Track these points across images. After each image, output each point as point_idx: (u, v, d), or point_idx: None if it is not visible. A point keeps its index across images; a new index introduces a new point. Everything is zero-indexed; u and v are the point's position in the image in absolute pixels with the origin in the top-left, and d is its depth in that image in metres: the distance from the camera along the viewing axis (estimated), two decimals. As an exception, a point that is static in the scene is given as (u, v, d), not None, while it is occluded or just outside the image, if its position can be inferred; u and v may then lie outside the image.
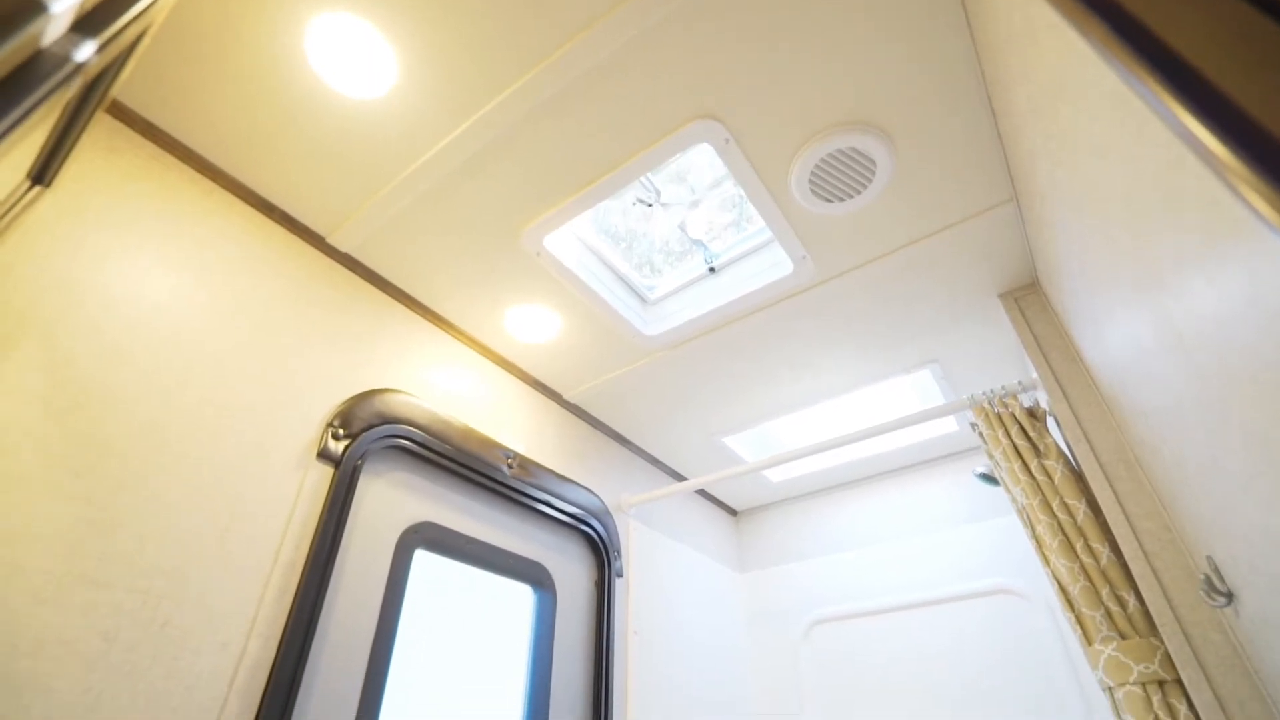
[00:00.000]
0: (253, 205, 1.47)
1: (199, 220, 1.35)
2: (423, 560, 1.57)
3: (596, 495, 2.11)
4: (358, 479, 1.43)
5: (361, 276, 1.66)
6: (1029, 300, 1.71)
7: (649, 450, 2.50)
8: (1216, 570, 1.04)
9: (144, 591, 1.04)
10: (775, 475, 2.72)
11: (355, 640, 1.33)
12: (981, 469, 2.00)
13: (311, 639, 1.21)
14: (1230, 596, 1.02)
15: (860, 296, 1.75)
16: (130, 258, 1.21)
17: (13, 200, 0.97)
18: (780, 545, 2.83)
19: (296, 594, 1.22)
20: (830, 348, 1.94)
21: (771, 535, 2.88)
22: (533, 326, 1.84)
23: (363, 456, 1.45)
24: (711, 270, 1.82)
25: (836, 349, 1.95)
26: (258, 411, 1.30)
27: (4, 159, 0.87)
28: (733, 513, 3.01)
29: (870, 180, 1.41)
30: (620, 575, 2.08)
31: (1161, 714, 1.15)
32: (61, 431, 1.02)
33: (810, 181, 1.41)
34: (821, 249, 1.60)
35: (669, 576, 2.34)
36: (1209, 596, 1.06)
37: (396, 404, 1.57)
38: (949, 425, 2.40)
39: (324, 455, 1.38)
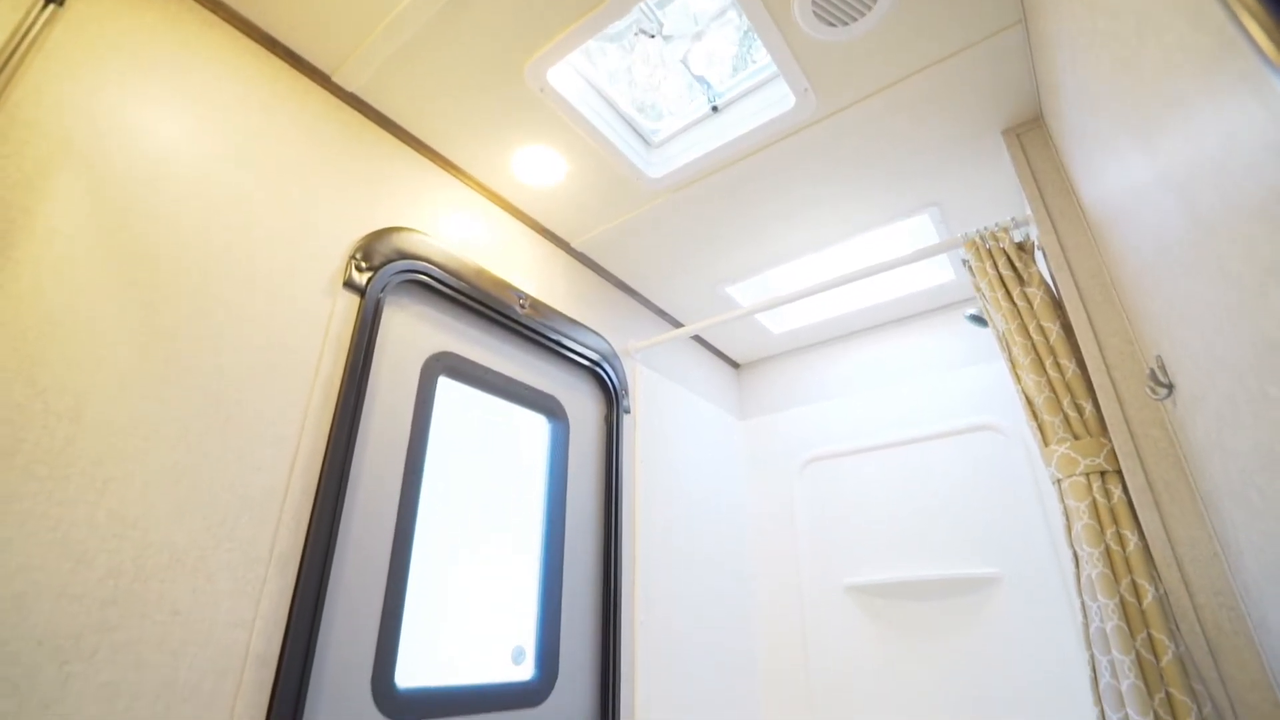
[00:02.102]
0: (256, 40, 1.47)
1: (205, 56, 1.37)
2: (446, 388, 1.72)
3: (605, 339, 2.24)
4: (382, 309, 1.55)
5: (369, 118, 1.68)
6: (1031, 136, 1.71)
7: (654, 301, 2.60)
8: (1162, 366, 1.15)
9: (207, 389, 1.19)
10: (776, 327, 2.84)
11: (392, 448, 1.51)
12: (973, 311, 2.10)
13: (355, 441, 1.38)
14: (1170, 387, 1.13)
15: (862, 134, 1.76)
16: (146, 92, 1.25)
17: (32, 17, 1.01)
18: (780, 394, 3.00)
19: (338, 402, 1.38)
20: (831, 191, 1.97)
21: (772, 386, 3.05)
22: (539, 169, 1.88)
23: (384, 289, 1.56)
24: (714, 110, 1.82)
25: (838, 192, 1.98)
26: (282, 243, 1.39)
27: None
28: (735, 365, 3.17)
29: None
30: (628, 412, 2.26)
31: (1099, 496, 1.32)
32: (114, 245, 1.12)
33: (814, 1, 1.39)
34: (824, 80, 1.60)
35: (673, 417, 2.53)
36: (1153, 391, 1.18)
37: (413, 241, 1.65)
38: (945, 275, 2.46)
39: (349, 285, 1.48)
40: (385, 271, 1.56)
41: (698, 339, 2.90)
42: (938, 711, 2.16)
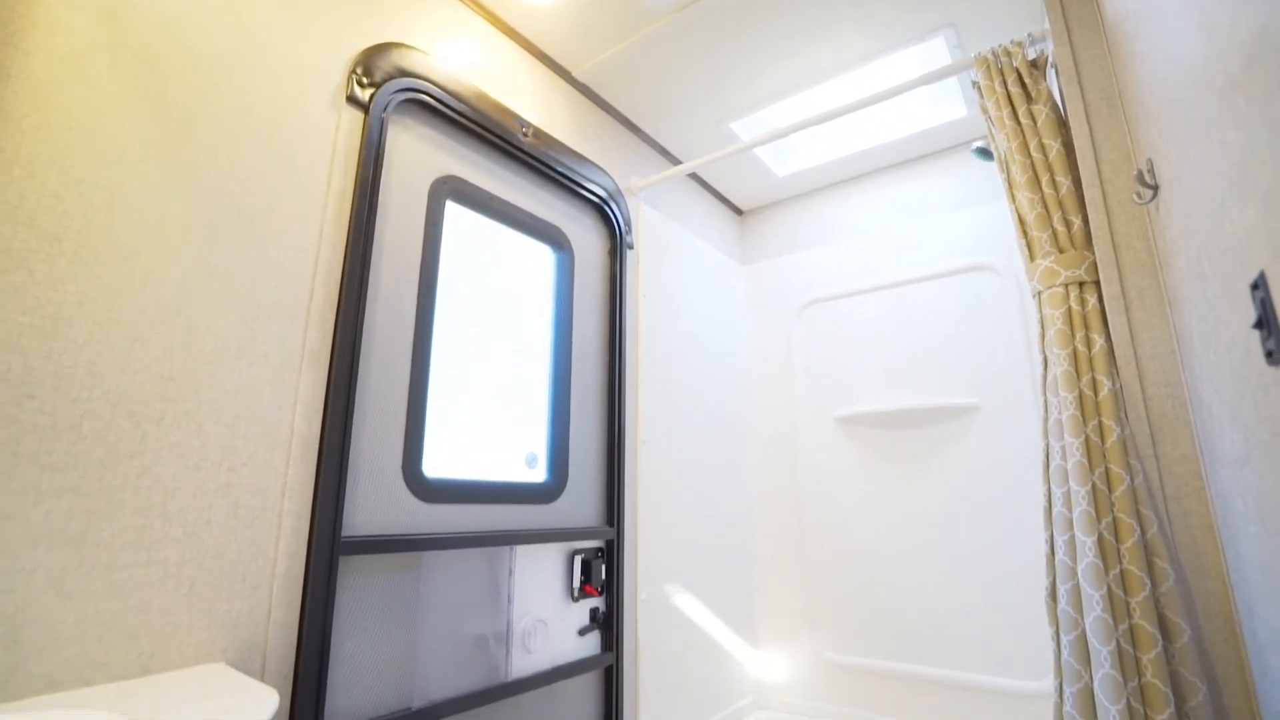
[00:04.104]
0: None
1: None
2: (453, 213, 1.76)
3: (608, 174, 2.24)
4: (387, 128, 1.55)
5: (354, -83, 1.58)
6: (1061, -62, 1.60)
7: (659, 139, 2.56)
8: (1151, 169, 1.18)
9: (227, 193, 1.24)
10: (781, 169, 2.81)
11: (405, 263, 1.58)
12: (979, 143, 2.07)
13: (370, 254, 1.45)
14: (1155, 189, 1.17)
15: (881, -62, 1.65)
16: None
17: None
18: (782, 239, 3.03)
19: (351, 215, 1.43)
20: (842, 10, 1.88)
21: (776, 230, 3.07)
22: (537, -17, 1.79)
23: (387, 107, 1.55)
24: (724, -90, 1.69)
25: (848, 12, 1.89)
26: (281, 53, 1.37)
27: None
28: (739, 212, 3.17)
29: None
30: (631, 248, 2.31)
31: (1074, 305, 1.40)
32: (125, 58, 1.12)
33: None
34: None
35: (676, 257, 2.58)
36: (1139, 195, 1.22)
37: (413, 59, 1.62)
38: (954, 110, 2.40)
39: (352, 100, 1.48)
40: (387, 89, 1.55)
41: (703, 184, 2.88)
42: (915, 524, 2.41)
